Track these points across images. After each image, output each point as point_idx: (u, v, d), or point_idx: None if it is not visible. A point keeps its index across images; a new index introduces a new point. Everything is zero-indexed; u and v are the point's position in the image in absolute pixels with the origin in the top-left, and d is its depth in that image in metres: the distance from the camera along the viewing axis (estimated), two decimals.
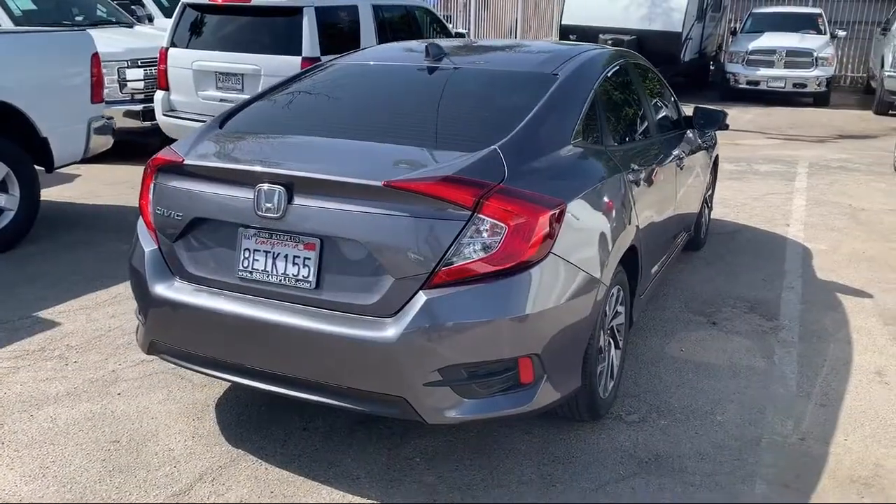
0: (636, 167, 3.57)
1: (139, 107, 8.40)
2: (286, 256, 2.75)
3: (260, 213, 2.74)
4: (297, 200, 2.70)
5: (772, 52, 14.33)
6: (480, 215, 2.56)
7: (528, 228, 2.59)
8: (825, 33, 15.05)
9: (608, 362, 3.29)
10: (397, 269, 2.60)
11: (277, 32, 7.55)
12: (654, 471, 3.01)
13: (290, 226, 2.72)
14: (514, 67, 3.68)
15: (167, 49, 7.90)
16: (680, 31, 14.28)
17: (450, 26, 10.18)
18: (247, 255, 2.82)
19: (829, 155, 9.94)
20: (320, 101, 3.57)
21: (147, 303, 3.01)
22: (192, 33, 7.88)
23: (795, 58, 14.23)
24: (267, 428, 3.26)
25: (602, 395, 3.23)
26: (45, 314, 4.37)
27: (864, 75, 16.65)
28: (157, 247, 3.03)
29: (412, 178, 2.62)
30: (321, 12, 7.45)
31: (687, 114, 4.96)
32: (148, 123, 8.41)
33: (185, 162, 2.93)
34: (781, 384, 3.73)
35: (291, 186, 2.70)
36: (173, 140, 4.21)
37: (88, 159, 6.25)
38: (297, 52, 7.33)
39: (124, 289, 4.74)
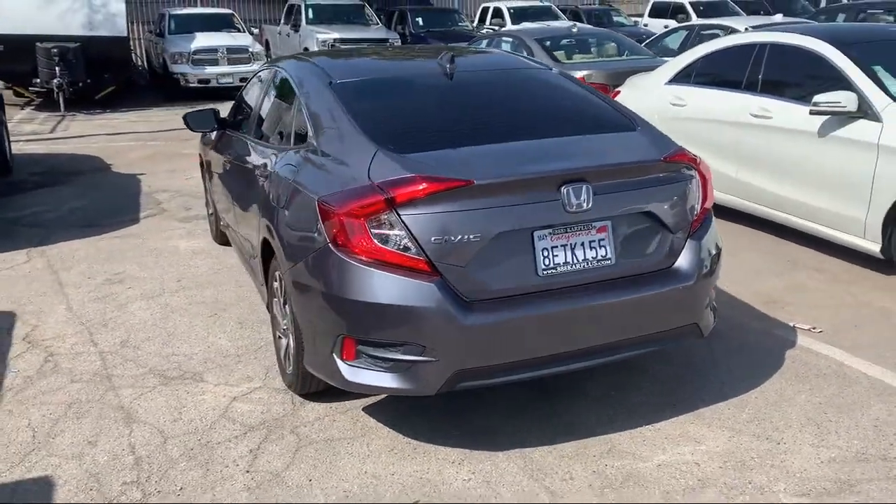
0: None
1: None
2: (583, 244, 3.05)
3: (570, 210, 2.97)
4: (598, 191, 3.00)
5: (214, 50, 15.18)
6: (698, 171, 3.35)
7: (710, 177, 3.46)
8: (244, 31, 16.58)
9: None
10: (675, 226, 3.22)
11: None
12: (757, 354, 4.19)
13: (587, 216, 3.02)
14: (526, 66, 4.14)
15: None
16: (126, 35, 14.00)
17: None
18: (545, 253, 2.98)
19: None
20: (440, 114, 3.53)
21: (449, 337, 2.88)
22: None
23: (236, 55, 15.40)
24: (477, 438, 3.28)
25: None
26: None
27: None
28: (439, 278, 2.84)
29: (672, 152, 3.24)
30: None
31: None
32: None
33: (478, 183, 2.86)
34: None
35: (586, 180, 2.98)
36: None
37: None
38: None
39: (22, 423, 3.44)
